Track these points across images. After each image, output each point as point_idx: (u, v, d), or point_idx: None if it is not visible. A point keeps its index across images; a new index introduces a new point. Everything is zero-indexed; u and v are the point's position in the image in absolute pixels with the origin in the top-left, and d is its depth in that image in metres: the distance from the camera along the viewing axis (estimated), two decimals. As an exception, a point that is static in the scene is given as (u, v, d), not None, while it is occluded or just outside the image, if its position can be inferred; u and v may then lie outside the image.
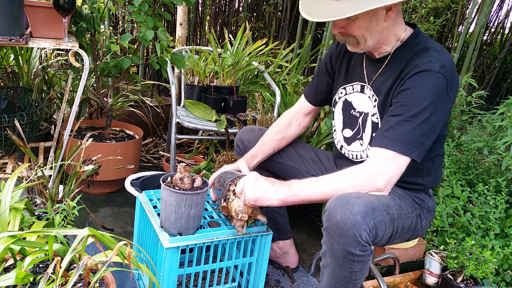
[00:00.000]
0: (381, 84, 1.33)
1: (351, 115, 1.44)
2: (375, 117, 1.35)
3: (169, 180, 1.33)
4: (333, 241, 1.13)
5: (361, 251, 1.11)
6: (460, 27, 3.60)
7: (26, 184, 1.38)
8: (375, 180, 1.18)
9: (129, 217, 2.05)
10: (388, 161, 1.18)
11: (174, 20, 3.70)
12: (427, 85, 1.19)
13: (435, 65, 1.20)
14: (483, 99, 3.03)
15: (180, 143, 3.00)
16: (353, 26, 1.24)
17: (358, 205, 1.11)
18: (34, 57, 2.46)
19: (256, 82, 2.68)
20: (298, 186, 1.23)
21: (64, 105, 2.01)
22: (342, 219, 1.09)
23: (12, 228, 1.20)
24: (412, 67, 1.23)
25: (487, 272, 1.59)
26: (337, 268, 1.15)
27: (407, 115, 1.18)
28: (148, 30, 1.82)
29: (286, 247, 1.77)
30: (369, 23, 1.23)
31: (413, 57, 1.25)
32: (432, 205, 1.41)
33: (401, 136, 1.18)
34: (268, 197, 1.24)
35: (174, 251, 1.29)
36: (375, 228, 1.13)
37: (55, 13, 1.57)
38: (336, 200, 1.14)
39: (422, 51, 1.25)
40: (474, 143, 2.15)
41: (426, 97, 1.18)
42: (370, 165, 1.20)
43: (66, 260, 0.97)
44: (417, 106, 1.18)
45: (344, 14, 1.13)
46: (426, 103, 1.18)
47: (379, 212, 1.15)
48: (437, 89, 1.18)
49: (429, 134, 1.20)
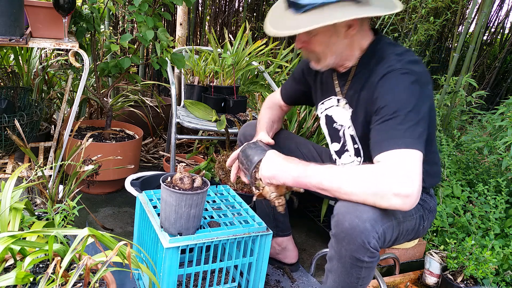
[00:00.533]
0: (351, 97, 1.34)
1: (334, 129, 1.45)
2: (351, 130, 1.36)
3: (169, 180, 1.33)
4: (341, 247, 1.11)
5: (369, 258, 1.10)
6: (460, 27, 3.60)
7: (26, 184, 1.38)
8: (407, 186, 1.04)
9: (129, 217, 2.05)
10: (404, 163, 1.08)
11: (174, 20, 3.70)
12: (396, 81, 1.17)
13: (396, 65, 1.19)
14: (483, 99, 3.03)
15: (180, 143, 3.00)
16: (314, 42, 1.24)
17: (367, 212, 1.08)
18: (34, 57, 2.46)
19: (256, 82, 2.68)
20: (314, 170, 1.16)
21: (64, 105, 2.01)
22: (351, 226, 1.07)
23: (12, 228, 1.20)
24: (375, 76, 1.22)
25: (487, 272, 1.59)
26: (344, 273, 1.14)
27: (389, 113, 1.15)
28: (148, 30, 1.82)
29: (285, 242, 1.77)
30: (329, 39, 1.23)
31: (374, 67, 1.24)
32: (433, 205, 1.41)
33: (395, 133, 1.12)
34: (282, 175, 1.20)
35: (174, 251, 1.29)
36: (383, 234, 1.12)
37: (55, 13, 1.57)
38: (345, 206, 1.11)
39: (381, 59, 1.24)
40: (474, 143, 2.16)
41: (398, 92, 1.16)
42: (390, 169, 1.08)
43: (66, 260, 0.97)
44: (393, 102, 1.15)
45: (300, 28, 1.14)
46: (402, 96, 1.15)
47: (387, 218, 1.13)
48: (407, 82, 1.16)
49: (421, 124, 1.14)
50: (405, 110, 1.13)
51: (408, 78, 1.17)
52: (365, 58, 1.29)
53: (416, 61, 1.21)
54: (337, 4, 1.15)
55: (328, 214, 2.07)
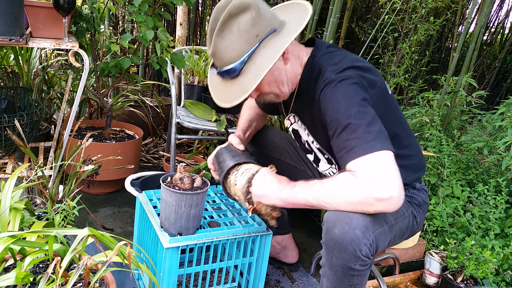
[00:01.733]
0: (303, 112, 1.34)
1: (302, 143, 1.46)
2: (315, 144, 1.37)
3: (169, 180, 1.33)
4: (332, 256, 1.10)
5: (361, 266, 1.08)
6: (460, 27, 3.60)
7: (26, 184, 1.38)
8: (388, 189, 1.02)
9: (129, 217, 2.05)
10: (376, 166, 1.05)
11: (174, 20, 3.70)
12: (333, 93, 1.15)
13: (331, 76, 1.17)
14: (483, 99, 3.03)
15: (180, 143, 3.00)
16: (263, 87, 1.24)
17: (357, 219, 1.06)
18: (34, 57, 2.46)
19: (256, 82, 2.68)
20: (300, 190, 1.16)
21: (64, 105, 2.01)
22: (341, 234, 1.06)
23: (12, 228, 1.20)
24: (316, 90, 1.21)
25: (487, 272, 1.59)
26: (336, 281, 1.13)
27: (339, 126, 1.12)
28: (148, 30, 1.82)
29: (285, 241, 1.77)
30: (273, 76, 1.23)
31: (314, 82, 1.23)
32: (422, 198, 1.38)
33: (353, 142, 1.08)
34: (270, 196, 1.20)
35: (174, 251, 1.29)
36: (375, 241, 1.10)
37: (55, 13, 1.57)
38: (334, 213, 1.09)
39: (318, 74, 1.22)
40: (474, 143, 2.16)
41: (339, 102, 1.13)
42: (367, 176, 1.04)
43: (66, 260, 0.97)
44: (338, 113, 1.12)
45: (249, 90, 1.14)
46: (343, 105, 1.12)
47: (379, 224, 1.12)
48: (344, 90, 1.14)
49: (375, 122, 1.10)
50: (350, 118, 1.10)
51: (344, 86, 1.14)
52: (304, 75, 1.28)
53: (354, 67, 1.18)
54: (261, 47, 1.15)
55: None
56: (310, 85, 1.25)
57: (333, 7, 2.92)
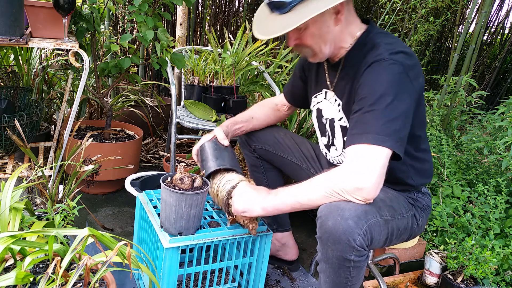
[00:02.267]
0: (343, 87, 1.32)
1: (322, 123, 1.45)
2: (343, 121, 1.35)
3: (169, 180, 1.33)
4: (327, 248, 1.10)
5: (357, 257, 1.09)
6: (460, 27, 3.60)
7: (26, 184, 1.38)
8: (358, 179, 1.07)
9: (129, 217, 2.05)
10: (364, 156, 1.09)
11: (174, 20, 3.70)
12: (380, 73, 1.15)
13: (384, 54, 1.17)
14: (483, 99, 3.03)
15: (180, 143, 3.00)
16: (305, 36, 1.24)
17: (349, 210, 1.07)
18: (34, 57, 2.46)
19: (256, 82, 2.68)
20: (285, 193, 1.18)
21: (64, 105, 2.01)
22: (334, 225, 1.07)
23: (12, 228, 1.20)
24: (363, 64, 1.21)
25: (487, 272, 1.59)
26: (332, 274, 1.14)
27: (367, 105, 1.13)
28: (148, 30, 1.82)
29: (285, 238, 1.77)
30: (320, 30, 1.22)
31: (364, 55, 1.23)
32: (426, 202, 1.39)
33: (367, 127, 1.11)
34: (253, 209, 1.22)
35: (174, 251, 1.29)
36: (369, 231, 1.09)
37: (55, 13, 1.57)
38: (326, 207, 1.11)
39: (371, 48, 1.22)
40: (474, 143, 2.16)
41: (380, 83, 1.13)
42: (345, 165, 1.11)
43: (66, 260, 0.97)
44: (373, 94, 1.13)
45: (290, 26, 1.14)
46: (383, 88, 1.12)
47: (372, 215, 1.12)
48: (391, 74, 1.14)
49: (399, 120, 1.12)
50: (384, 104, 1.11)
51: (393, 70, 1.14)
52: (355, 48, 1.28)
53: (406, 53, 1.18)
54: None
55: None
56: (359, 58, 1.25)
57: (333, 7, 2.92)
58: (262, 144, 1.66)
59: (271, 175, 1.71)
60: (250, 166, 1.73)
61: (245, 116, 1.64)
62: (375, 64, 1.17)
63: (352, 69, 1.27)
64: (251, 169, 1.73)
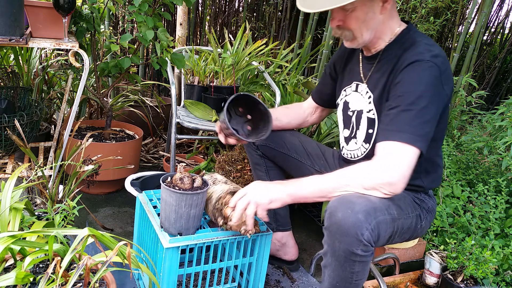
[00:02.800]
0: (377, 80, 1.34)
1: (347, 115, 1.46)
2: (371, 113, 1.36)
3: (169, 180, 1.33)
4: (334, 240, 1.11)
5: (363, 251, 1.10)
6: (460, 27, 3.60)
7: (26, 184, 1.38)
8: (387, 175, 1.14)
9: (129, 217, 2.05)
10: (395, 153, 1.16)
11: (174, 20, 3.70)
12: (420, 74, 1.19)
13: (425, 55, 1.20)
14: (483, 99, 3.03)
15: (180, 143, 3.00)
16: (350, 18, 1.25)
17: (360, 204, 1.10)
18: (34, 57, 2.46)
19: (256, 82, 2.68)
20: (309, 182, 1.21)
21: (64, 105, 2.01)
22: (344, 217, 1.08)
23: (12, 228, 1.20)
24: (403, 60, 1.24)
25: (487, 272, 1.59)
26: (338, 268, 1.14)
27: (405, 104, 1.18)
28: (148, 30, 1.81)
29: (285, 238, 1.77)
30: (366, 15, 1.24)
31: (404, 51, 1.26)
32: (432, 205, 1.41)
33: (403, 126, 1.16)
34: (280, 196, 1.21)
35: (174, 251, 1.29)
36: (377, 227, 1.11)
37: (55, 13, 1.57)
38: (337, 200, 1.13)
39: (411, 44, 1.26)
40: (474, 143, 2.15)
41: (420, 84, 1.18)
42: (377, 160, 1.18)
43: (66, 260, 0.97)
44: (412, 94, 1.18)
45: (340, 2, 1.16)
46: (421, 90, 1.17)
47: (380, 212, 1.14)
48: (430, 77, 1.18)
49: (430, 122, 1.18)
50: (421, 105, 1.16)
51: (432, 72, 1.19)
52: (395, 42, 1.31)
53: (443, 57, 1.23)
54: None
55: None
56: (398, 53, 1.28)
57: (333, 7, 2.92)
58: (266, 141, 1.65)
59: (273, 173, 1.71)
60: (253, 164, 1.73)
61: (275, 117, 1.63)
62: (416, 64, 1.20)
63: (390, 63, 1.30)
64: (253, 168, 1.73)
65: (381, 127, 1.24)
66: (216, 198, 1.37)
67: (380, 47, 1.34)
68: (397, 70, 1.25)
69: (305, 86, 2.27)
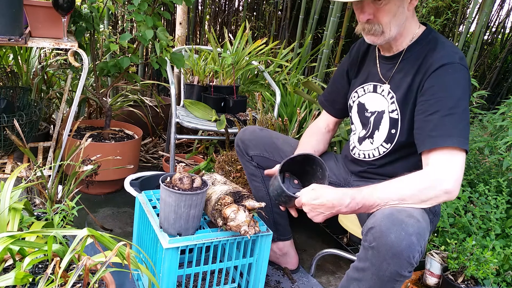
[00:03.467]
0: (400, 81, 1.33)
1: (365, 116, 1.45)
2: (395, 113, 1.35)
3: (168, 180, 1.32)
4: (383, 261, 1.08)
5: (409, 272, 1.09)
6: (461, 26, 3.60)
7: (25, 184, 1.38)
8: (442, 182, 1.13)
9: (128, 218, 2.05)
10: (448, 160, 1.15)
11: (174, 19, 3.69)
12: (454, 77, 1.21)
13: (454, 57, 1.23)
14: (484, 99, 3.02)
15: (179, 143, 3.00)
16: (382, 11, 1.25)
17: (412, 226, 1.07)
18: (33, 57, 2.45)
19: (256, 81, 2.68)
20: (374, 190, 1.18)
21: (63, 105, 2.00)
22: (397, 239, 1.05)
23: (11, 228, 1.19)
24: (432, 62, 1.25)
25: (488, 272, 1.58)
26: (377, 285, 1.12)
27: (446, 109, 1.18)
28: (147, 29, 1.81)
29: (286, 248, 1.77)
30: (397, 8, 1.25)
31: (429, 52, 1.28)
32: (438, 208, 1.41)
33: (450, 130, 1.16)
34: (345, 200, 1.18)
35: (174, 251, 1.29)
36: (423, 247, 1.10)
37: (55, 12, 1.57)
38: (387, 218, 1.09)
39: (436, 46, 1.28)
40: (475, 143, 2.15)
41: (457, 88, 1.19)
42: (431, 168, 1.16)
43: (65, 261, 0.97)
44: (451, 98, 1.19)
45: None
46: (459, 93, 1.19)
47: (427, 232, 1.13)
48: (463, 79, 1.21)
49: (468, 123, 1.20)
50: (462, 107, 1.18)
51: (464, 75, 1.21)
52: (418, 43, 1.32)
53: (465, 59, 1.26)
54: None
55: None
56: (421, 54, 1.29)
57: (333, 6, 2.92)
58: (259, 150, 1.64)
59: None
60: (249, 176, 1.71)
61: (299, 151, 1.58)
62: (448, 66, 1.22)
63: (414, 64, 1.30)
64: (250, 179, 1.71)
65: (424, 134, 1.22)
66: (216, 198, 1.37)
67: (402, 46, 1.34)
68: (425, 72, 1.26)
69: (305, 85, 2.27)
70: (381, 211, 1.14)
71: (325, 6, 3.64)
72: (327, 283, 1.77)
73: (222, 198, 1.35)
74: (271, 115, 2.15)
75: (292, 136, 2.13)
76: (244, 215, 1.31)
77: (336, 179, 1.58)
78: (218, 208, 1.35)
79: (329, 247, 1.96)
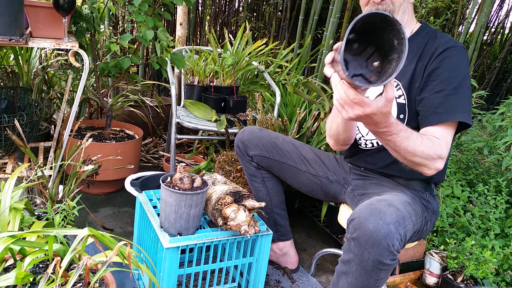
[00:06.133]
0: (404, 68, 1.37)
1: None
2: (402, 98, 1.39)
3: (168, 180, 1.33)
4: (364, 251, 1.11)
5: (391, 260, 1.11)
6: (460, 27, 3.60)
7: (26, 184, 1.38)
8: (442, 150, 1.20)
9: (129, 217, 2.05)
10: (450, 132, 1.25)
11: (174, 20, 3.70)
12: (459, 59, 1.29)
13: (457, 42, 1.31)
14: (483, 99, 3.02)
15: (180, 143, 3.00)
16: None
17: (390, 214, 1.10)
18: (34, 57, 2.46)
19: (256, 82, 2.68)
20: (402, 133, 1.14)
21: (64, 105, 2.01)
22: (375, 229, 1.08)
23: (12, 228, 1.20)
24: (436, 46, 1.32)
25: (487, 272, 1.58)
26: (363, 276, 1.14)
27: (451, 88, 1.26)
28: (148, 30, 1.81)
29: (286, 248, 1.77)
30: None
31: (430, 40, 1.36)
32: (436, 206, 1.41)
33: (457, 107, 1.25)
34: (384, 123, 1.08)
35: (174, 251, 1.29)
36: (404, 236, 1.12)
37: (55, 13, 1.57)
38: (366, 209, 1.13)
39: (437, 35, 1.36)
40: (474, 143, 2.15)
41: (460, 69, 1.28)
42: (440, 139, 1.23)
43: (66, 260, 0.97)
44: (457, 78, 1.27)
45: None
46: (463, 73, 1.27)
47: (407, 221, 1.15)
48: (466, 61, 1.30)
49: (470, 101, 1.28)
50: (465, 86, 1.27)
51: (466, 58, 1.31)
52: (416, 35, 1.40)
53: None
54: None
55: (328, 214, 2.07)
56: (421, 43, 1.37)
57: (333, 7, 2.92)
58: (259, 150, 1.64)
59: (270, 184, 1.70)
60: (249, 176, 1.71)
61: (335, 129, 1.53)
62: (453, 49, 1.30)
63: (416, 52, 1.37)
64: (250, 179, 1.71)
65: (430, 110, 1.28)
66: (216, 198, 1.37)
67: None
68: (431, 55, 1.32)
69: (305, 86, 2.27)
70: (362, 203, 1.18)
71: (325, 7, 3.65)
72: (326, 283, 1.77)
73: (222, 197, 1.36)
74: (271, 115, 2.15)
75: (292, 136, 2.13)
76: (244, 214, 1.32)
77: (337, 178, 1.58)
78: (218, 208, 1.35)
79: (329, 246, 1.97)
